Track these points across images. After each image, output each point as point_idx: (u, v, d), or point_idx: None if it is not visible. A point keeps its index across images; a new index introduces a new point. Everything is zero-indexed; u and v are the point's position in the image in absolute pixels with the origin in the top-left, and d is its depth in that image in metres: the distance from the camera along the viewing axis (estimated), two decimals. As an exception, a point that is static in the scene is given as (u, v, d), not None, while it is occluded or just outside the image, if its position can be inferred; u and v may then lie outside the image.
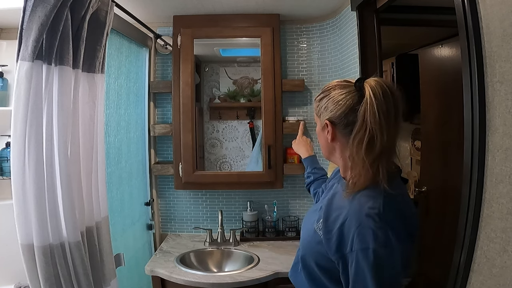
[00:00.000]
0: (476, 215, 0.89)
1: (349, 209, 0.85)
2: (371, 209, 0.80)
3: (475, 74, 0.86)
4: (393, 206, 0.83)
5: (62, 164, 1.15)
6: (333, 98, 0.90)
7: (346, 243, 0.82)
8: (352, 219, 0.82)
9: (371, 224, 0.79)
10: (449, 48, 2.09)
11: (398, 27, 2.11)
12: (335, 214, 0.88)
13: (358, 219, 0.81)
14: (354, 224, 0.81)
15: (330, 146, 0.95)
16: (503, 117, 0.81)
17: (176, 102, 2.04)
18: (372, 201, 0.82)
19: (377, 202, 0.82)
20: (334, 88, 0.92)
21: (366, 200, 0.83)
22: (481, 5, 0.85)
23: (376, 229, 0.78)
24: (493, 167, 0.85)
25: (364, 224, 0.80)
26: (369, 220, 0.79)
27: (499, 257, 0.82)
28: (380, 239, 0.78)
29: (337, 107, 0.89)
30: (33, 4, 1.05)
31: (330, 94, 0.91)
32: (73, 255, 1.18)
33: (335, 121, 0.90)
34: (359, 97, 0.85)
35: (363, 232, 0.79)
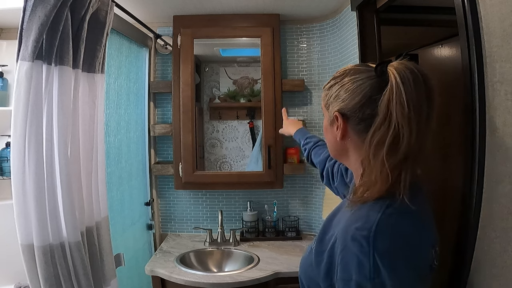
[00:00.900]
0: (476, 215, 0.89)
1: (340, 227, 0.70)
2: (358, 230, 0.63)
3: (475, 74, 0.86)
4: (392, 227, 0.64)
5: (62, 164, 1.15)
6: (346, 85, 0.72)
7: (334, 269, 0.67)
8: (339, 241, 0.66)
9: (356, 250, 0.62)
10: (449, 48, 2.09)
11: (398, 27, 2.11)
12: (331, 233, 0.73)
13: (343, 241, 0.65)
14: (340, 246, 0.65)
15: (340, 145, 0.77)
16: (503, 117, 0.81)
17: (176, 102, 2.04)
18: (363, 221, 0.64)
19: (369, 222, 0.63)
20: (349, 72, 0.73)
21: (356, 217, 0.66)
22: (481, 5, 0.85)
23: (362, 257, 0.61)
24: (493, 167, 0.85)
25: (348, 248, 0.63)
26: (354, 244, 0.62)
27: (499, 257, 0.82)
28: (365, 270, 0.60)
29: (351, 96, 0.70)
30: (33, 4, 1.05)
31: (343, 80, 0.73)
32: (73, 255, 1.18)
33: (347, 114, 0.72)
34: (381, 84, 0.67)
35: (347, 258, 0.63)
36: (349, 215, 0.69)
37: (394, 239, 0.63)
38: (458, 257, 0.95)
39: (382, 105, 0.65)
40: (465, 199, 0.92)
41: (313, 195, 2.18)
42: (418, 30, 2.22)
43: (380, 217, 0.63)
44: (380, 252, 0.61)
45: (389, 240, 0.62)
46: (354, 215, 0.68)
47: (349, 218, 0.68)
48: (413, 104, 0.63)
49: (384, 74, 0.67)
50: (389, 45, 1.73)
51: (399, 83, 0.63)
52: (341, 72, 0.75)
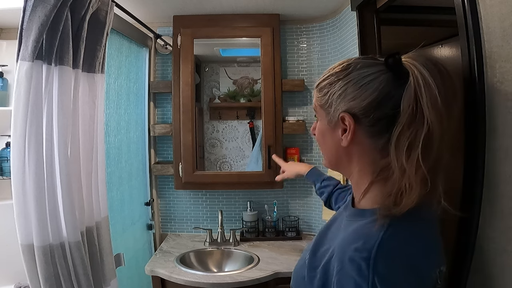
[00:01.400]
0: (476, 215, 0.89)
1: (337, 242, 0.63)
2: (357, 252, 0.56)
3: (475, 74, 0.86)
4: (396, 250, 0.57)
5: (62, 164, 1.15)
6: (355, 80, 0.62)
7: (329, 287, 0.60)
8: (336, 258, 0.60)
9: (354, 273, 0.56)
10: (449, 48, 2.09)
11: (398, 27, 2.11)
12: (326, 247, 0.67)
13: (340, 260, 0.59)
14: (336, 267, 0.59)
15: (343, 152, 0.67)
16: (503, 117, 0.81)
17: (176, 102, 2.04)
18: (363, 240, 0.58)
19: (370, 242, 0.57)
20: (355, 66, 0.63)
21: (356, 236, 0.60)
22: (481, 5, 0.85)
23: (359, 280, 0.55)
24: (493, 167, 0.85)
25: (345, 269, 0.57)
26: (352, 266, 0.56)
27: (499, 257, 0.82)
28: None
29: (364, 93, 0.61)
30: (33, 4, 1.05)
31: (349, 75, 0.63)
32: (73, 255, 1.18)
33: (358, 114, 0.62)
34: (398, 78, 0.59)
35: (343, 281, 0.57)
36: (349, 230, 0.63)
37: (397, 262, 0.57)
38: (458, 257, 0.95)
39: (406, 101, 0.56)
40: (465, 199, 0.92)
41: (313, 195, 2.18)
42: (418, 30, 2.22)
43: (382, 236, 0.57)
44: (381, 276, 0.54)
45: (392, 263, 0.56)
46: (353, 233, 0.61)
47: (348, 236, 0.61)
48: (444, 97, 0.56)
49: (399, 66, 0.59)
50: (389, 45, 1.73)
51: (426, 75, 0.56)
52: (344, 66, 0.65)
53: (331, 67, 0.69)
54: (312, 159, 2.19)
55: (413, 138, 0.56)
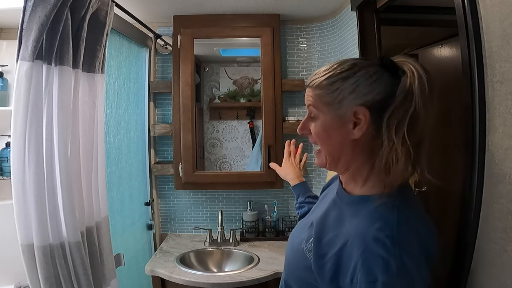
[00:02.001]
0: (476, 215, 0.89)
1: (350, 229, 0.68)
2: (380, 231, 0.63)
3: (475, 74, 0.86)
4: (410, 227, 0.66)
5: (62, 164, 1.15)
6: (365, 77, 0.69)
7: (345, 273, 0.65)
8: (355, 243, 0.65)
9: (380, 250, 0.61)
10: (449, 48, 2.09)
11: (398, 27, 2.11)
12: (332, 234, 0.71)
13: (363, 242, 0.64)
14: (358, 249, 0.64)
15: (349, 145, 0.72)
16: (503, 117, 0.81)
17: (176, 102, 2.04)
18: (382, 220, 0.65)
19: (389, 222, 0.64)
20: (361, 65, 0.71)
21: (372, 218, 0.66)
22: (481, 5, 0.85)
23: (387, 257, 0.61)
24: (493, 167, 0.85)
25: (371, 249, 0.62)
26: (377, 245, 0.62)
27: (499, 257, 0.82)
28: (392, 268, 0.60)
29: (376, 88, 0.68)
30: (33, 4, 1.05)
31: (357, 73, 0.70)
32: (73, 255, 1.18)
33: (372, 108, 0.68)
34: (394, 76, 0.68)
35: (370, 259, 0.62)
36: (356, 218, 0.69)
37: (414, 238, 0.65)
38: (458, 257, 0.95)
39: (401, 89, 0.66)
40: (465, 199, 0.92)
41: (313, 195, 2.18)
42: (418, 30, 2.22)
43: (398, 216, 0.65)
44: (404, 250, 0.62)
45: (409, 236, 0.64)
46: (367, 215, 0.67)
47: (363, 220, 0.67)
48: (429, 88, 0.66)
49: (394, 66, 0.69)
50: (389, 45, 1.73)
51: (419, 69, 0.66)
52: (349, 65, 0.71)
53: (329, 67, 0.74)
54: (312, 159, 2.19)
55: (401, 116, 0.65)
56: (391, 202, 0.67)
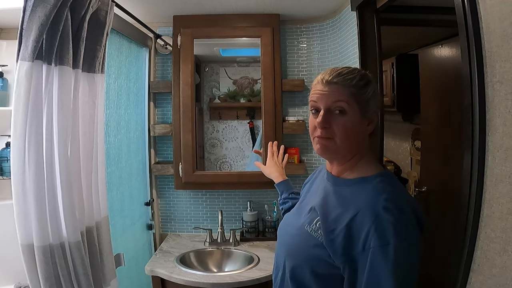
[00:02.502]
0: (476, 215, 0.89)
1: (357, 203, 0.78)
2: (388, 201, 0.74)
3: (475, 74, 0.86)
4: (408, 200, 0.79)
5: (62, 164, 1.15)
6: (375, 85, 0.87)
7: (356, 242, 0.74)
8: (366, 214, 0.75)
9: (390, 218, 0.72)
10: (449, 48, 2.09)
11: (398, 27, 2.11)
12: (337, 212, 0.81)
13: (373, 212, 0.74)
14: (369, 218, 0.73)
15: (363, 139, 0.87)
16: (503, 117, 0.81)
17: (176, 102, 2.04)
18: (387, 193, 0.76)
19: (393, 194, 0.77)
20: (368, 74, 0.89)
21: (379, 191, 0.78)
22: (481, 5, 0.85)
23: (397, 223, 0.72)
24: (493, 167, 0.85)
25: (382, 217, 0.72)
26: (387, 213, 0.73)
27: (499, 257, 0.82)
28: (401, 233, 0.71)
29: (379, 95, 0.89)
30: (33, 4, 1.05)
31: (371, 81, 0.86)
32: (73, 255, 1.18)
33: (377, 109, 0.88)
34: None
35: (382, 226, 0.72)
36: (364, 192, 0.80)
37: (411, 208, 0.77)
38: (458, 257, 0.95)
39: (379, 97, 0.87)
40: (465, 199, 0.92)
41: (313, 195, 2.18)
42: (418, 30, 2.22)
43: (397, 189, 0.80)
44: (409, 217, 0.75)
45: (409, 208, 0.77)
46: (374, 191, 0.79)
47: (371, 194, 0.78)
48: None
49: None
50: (389, 45, 1.74)
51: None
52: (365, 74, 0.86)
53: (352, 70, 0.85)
54: (312, 159, 2.19)
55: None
56: (388, 179, 0.82)
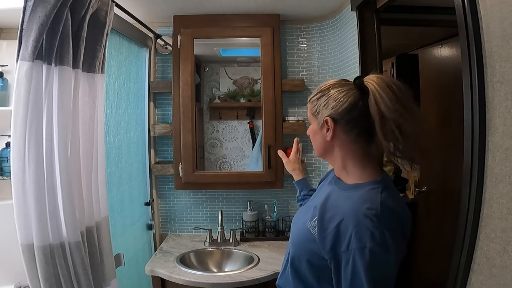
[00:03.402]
0: (476, 215, 0.89)
1: (346, 208, 0.87)
2: (369, 210, 0.82)
3: (475, 74, 0.86)
4: (391, 207, 0.84)
5: (62, 164, 1.15)
6: (333, 95, 0.91)
7: (342, 242, 0.83)
8: (350, 219, 0.83)
9: (369, 224, 0.81)
10: (449, 48, 2.09)
11: (398, 27, 2.11)
12: (331, 213, 0.89)
13: (356, 219, 0.83)
14: (352, 223, 0.82)
15: (328, 145, 0.95)
16: (503, 117, 0.81)
17: (176, 102, 2.04)
18: (370, 202, 0.84)
19: (375, 203, 0.84)
20: (333, 86, 0.93)
21: (363, 200, 0.86)
22: (481, 5, 0.85)
23: (373, 229, 0.80)
24: (493, 167, 0.85)
25: (362, 224, 0.81)
26: (366, 220, 0.81)
27: (499, 257, 0.82)
28: (376, 238, 0.79)
29: (338, 104, 0.90)
30: (33, 4, 1.05)
31: (329, 92, 0.92)
32: (73, 255, 1.18)
33: (336, 118, 0.91)
34: (360, 93, 0.88)
35: (361, 231, 0.81)
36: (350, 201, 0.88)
37: (392, 215, 0.84)
38: (458, 257, 0.95)
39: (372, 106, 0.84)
40: (465, 199, 0.92)
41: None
42: (418, 30, 2.22)
43: (381, 199, 0.85)
44: (386, 224, 0.81)
45: (390, 215, 0.83)
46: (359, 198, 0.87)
47: (356, 201, 0.86)
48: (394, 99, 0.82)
49: (361, 86, 0.87)
50: (389, 45, 1.74)
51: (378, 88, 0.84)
52: (327, 86, 0.94)
53: (319, 87, 0.97)
54: (312, 159, 2.19)
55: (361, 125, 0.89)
56: (377, 188, 0.87)
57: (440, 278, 1.30)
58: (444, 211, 2.06)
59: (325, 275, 0.89)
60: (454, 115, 1.94)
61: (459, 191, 0.95)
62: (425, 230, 2.26)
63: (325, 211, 0.91)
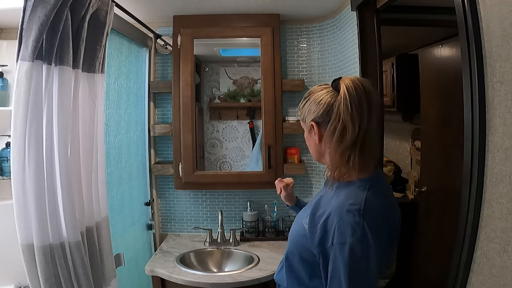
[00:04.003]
0: (476, 215, 0.89)
1: (333, 205, 0.89)
2: (352, 205, 0.85)
3: (475, 74, 0.86)
4: (375, 204, 0.86)
5: (62, 164, 1.15)
6: (314, 100, 0.95)
7: (328, 237, 0.85)
8: (335, 214, 0.86)
9: (351, 220, 0.82)
10: (449, 48, 2.09)
11: (398, 27, 2.11)
12: (322, 210, 0.92)
13: (339, 214, 0.85)
14: (336, 218, 0.85)
15: (319, 148, 0.98)
16: (503, 117, 0.81)
17: (176, 102, 2.04)
18: (354, 198, 0.87)
19: (359, 199, 0.86)
20: (314, 91, 0.98)
21: (348, 196, 0.88)
22: (481, 5, 0.85)
23: (354, 225, 0.82)
24: (493, 167, 0.85)
25: (344, 219, 0.83)
26: (349, 216, 0.83)
27: (499, 257, 0.82)
28: (357, 234, 0.81)
29: (318, 107, 0.94)
30: (33, 4, 1.05)
31: (311, 97, 0.97)
32: (73, 255, 1.18)
33: (318, 121, 0.95)
34: (337, 95, 0.91)
35: (343, 226, 0.83)
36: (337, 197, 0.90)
37: (375, 212, 0.85)
38: (458, 257, 0.95)
39: (335, 108, 0.89)
40: (465, 199, 0.92)
41: (313, 195, 2.18)
42: (418, 30, 2.22)
43: (366, 195, 0.87)
44: (367, 221, 0.82)
45: (373, 212, 0.85)
46: (345, 194, 0.89)
47: (342, 198, 0.88)
48: (355, 105, 0.86)
49: (337, 87, 0.90)
50: (389, 45, 1.74)
51: (345, 91, 0.87)
52: (309, 92, 0.99)
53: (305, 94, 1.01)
54: (312, 159, 2.19)
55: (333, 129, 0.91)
56: (364, 185, 0.89)
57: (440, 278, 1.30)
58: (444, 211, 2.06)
59: (316, 271, 0.91)
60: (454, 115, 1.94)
61: (459, 191, 0.95)
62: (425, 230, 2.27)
63: (317, 208, 0.94)
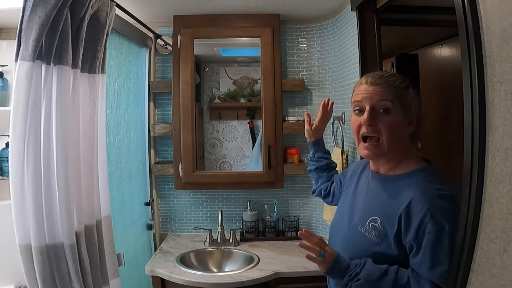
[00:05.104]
0: (476, 215, 0.89)
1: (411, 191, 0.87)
2: (441, 191, 0.85)
3: (475, 74, 0.86)
4: (454, 188, 0.86)
5: (59, 165, 1.15)
6: (415, 90, 0.96)
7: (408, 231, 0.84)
8: (420, 201, 0.85)
9: (446, 205, 0.83)
10: (449, 48, 2.09)
11: (398, 27, 2.11)
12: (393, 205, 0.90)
13: (427, 200, 0.84)
14: (424, 206, 0.83)
15: (405, 137, 0.95)
16: (503, 117, 0.81)
17: (176, 102, 2.04)
18: (438, 184, 0.87)
19: (445, 184, 0.87)
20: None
21: (431, 182, 0.88)
22: (481, 5, 0.84)
23: (450, 208, 0.82)
24: (493, 167, 0.84)
25: (437, 203, 0.83)
26: (442, 200, 0.83)
27: (499, 257, 0.82)
28: (453, 218, 0.81)
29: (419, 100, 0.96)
30: (33, 4, 1.05)
31: (411, 85, 0.95)
32: (71, 256, 1.18)
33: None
34: None
35: (437, 213, 0.82)
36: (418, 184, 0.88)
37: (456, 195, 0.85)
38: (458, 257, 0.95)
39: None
40: (465, 199, 0.92)
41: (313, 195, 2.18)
42: (418, 30, 2.22)
43: (447, 180, 0.88)
44: (458, 204, 0.81)
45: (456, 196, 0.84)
46: (424, 182, 0.88)
47: (422, 186, 0.87)
48: None
49: None
50: (389, 45, 1.74)
51: None
52: (404, 77, 0.95)
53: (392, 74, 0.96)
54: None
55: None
56: (435, 172, 0.91)
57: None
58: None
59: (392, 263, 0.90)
60: (454, 115, 1.94)
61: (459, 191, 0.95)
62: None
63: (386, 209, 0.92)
